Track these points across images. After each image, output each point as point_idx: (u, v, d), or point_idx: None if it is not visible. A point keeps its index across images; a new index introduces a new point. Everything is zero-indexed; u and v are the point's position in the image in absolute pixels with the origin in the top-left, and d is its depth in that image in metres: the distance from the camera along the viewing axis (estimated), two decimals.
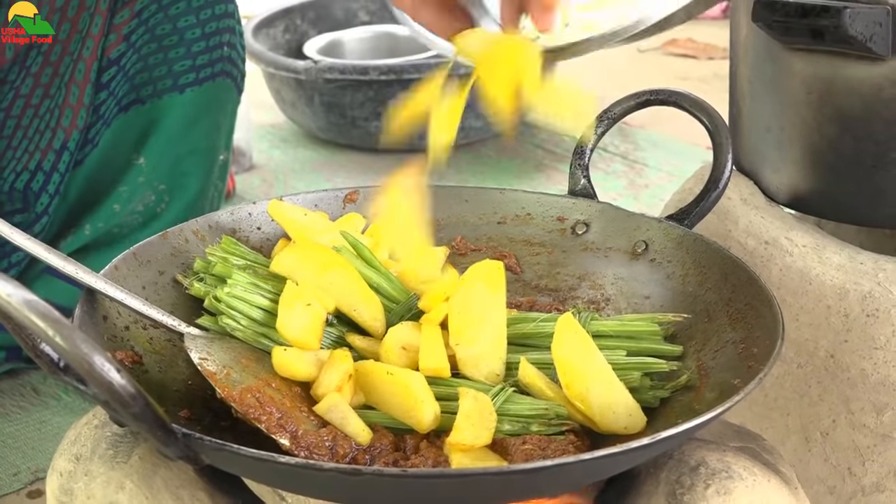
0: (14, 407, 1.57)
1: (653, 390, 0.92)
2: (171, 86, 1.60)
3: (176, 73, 1.59)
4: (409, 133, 0.97)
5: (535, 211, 1.12)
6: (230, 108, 1.69)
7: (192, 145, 1.65)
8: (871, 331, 1.12)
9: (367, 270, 0.98)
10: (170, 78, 1.59)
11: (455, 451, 0.84)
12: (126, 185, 1.60)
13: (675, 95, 1.10)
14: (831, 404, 1.16)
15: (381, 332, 0.96)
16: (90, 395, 0.78)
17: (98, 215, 1.58)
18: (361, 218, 1.09)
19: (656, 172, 2.37)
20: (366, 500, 0.83)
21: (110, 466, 0.87)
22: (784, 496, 0.87)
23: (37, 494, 1.41)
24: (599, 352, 0.89)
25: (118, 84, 1.55)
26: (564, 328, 0.90)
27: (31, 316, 0.70)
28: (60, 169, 1.53)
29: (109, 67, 1.54)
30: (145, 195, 1.62)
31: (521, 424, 0.87)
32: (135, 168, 1.62)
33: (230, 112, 1.69)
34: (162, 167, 1.62)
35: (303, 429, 0.84)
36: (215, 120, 1.65)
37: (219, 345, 0.92)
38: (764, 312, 0.92)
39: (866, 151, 1.15)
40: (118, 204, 1.59)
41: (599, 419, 0.87)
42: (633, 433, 0.88)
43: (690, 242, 1.04)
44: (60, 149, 1.53)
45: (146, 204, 1.61)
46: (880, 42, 1.08)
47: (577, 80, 0.96)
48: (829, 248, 1.18)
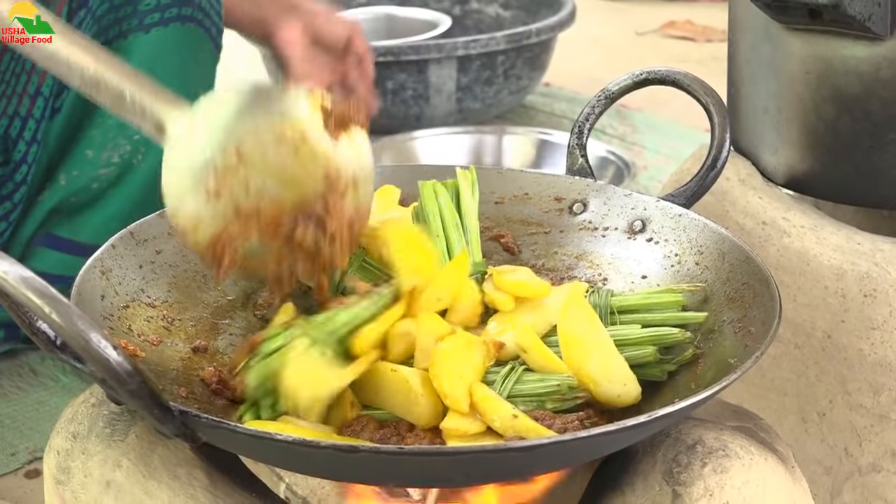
0: (12, 387, 1.57)
1: (661, 364, 0.92)
2: (137, 25, 1.59)
3: (141, 13, 1.59)
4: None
5: (532, 190, 1.12)
6: (203, 58, 1.67)
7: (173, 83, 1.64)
8: (869, 311, 1.12)
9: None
10: (135, 17, 1.59)
11: (451, 438, 0.85)
12: (96, 129, 1.58)
13: (673, 74, 1.09)
14: (828, 385, 1.16)
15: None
16: (87, 372, 0.78)
17: (71, 162, 1.56)
18: (396, 189, 1.08)
19: (654, 155, 2.37)
20: (363, 479, 0.84)
21: (107, 445, 0.87)
22: (780, 475, 0.87)
23: (34, 475, 1.41)
24: (601, 324, 0.90)
25: (87, 26, 1.55)
26: (571, 301, 0.91)
27: (28, 293, 0.70)
28: (35, 115, 1.53)
29: (79, 10, 1.54)
30: (119, 143, 1.60)
31: (535, 403, 0.88)
32: (104, 109, 1.62)
33: (204, 63, 1.67)
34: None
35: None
36: (187, 64, 1.64)
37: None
38: (761, 292, 0.92)
39: (864, 132, 1.14)
40: (90, 150, 1.57)
41: (594, 387, 0.87)
42: (627, 402, 0.88)
43: (688, 222, 1.04)
44: (35, 94, 1.52)
45: (121, 155, 1.59)
46: (879, 22, 1.08)
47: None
48: (827, 228, 1.18)
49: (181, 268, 1.01)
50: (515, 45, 2.39)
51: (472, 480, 0.87)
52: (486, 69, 2.41)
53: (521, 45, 2.40)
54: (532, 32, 2.41)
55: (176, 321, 0.97)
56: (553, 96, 2.72)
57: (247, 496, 0.86)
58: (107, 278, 0.94)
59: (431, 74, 2.38)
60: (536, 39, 2.42)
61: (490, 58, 2.39)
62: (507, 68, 2.43)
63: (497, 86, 2.45)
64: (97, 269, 0.94)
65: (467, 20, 2.84)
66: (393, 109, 2.42)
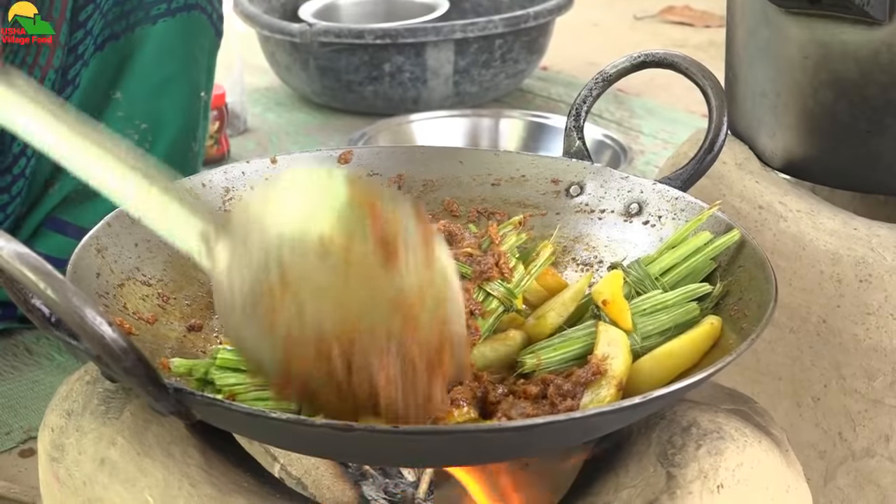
0: (7, 367, 1.57)
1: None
2: (143, 17, 1.60)
3: (147, 5, 1.60)
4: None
5: (529, 172, 1.12)
6: (207, 46, 1.68)
7: (168, 77, 1.65)
8: (864, 296, 1.12)
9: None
10: (141, 10, 1.60)
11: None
12: (104, 122, 1.59)
13: (671, 57, 1.09)
14: (823, 369, 1.17)
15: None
16: (82, 349, 0.78)
17: None
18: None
19: (651, 139, 2.37)
20: (358, 457, 0.83)
21: (102, 422, 0.87)
22: (775, 457, 0.87)
23: (29, 454, 1.41)
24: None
25: (94, 22, 1.56)
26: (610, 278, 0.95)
27: (23, 269, 0.70)
28: None
29: (86, 6, 1.54)
30: (126, 133, 1.61)
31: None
32: (112, 103, 1.62)
33: (207, 50, 1.69)
34: (139, 101, 1.63)
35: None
36: (192, 53, 1.65)
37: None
38: (757, 275, 0.92)
39: (862, 117, 1.14)
40: None
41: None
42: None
43: (684, 205, 1.04)
44: None
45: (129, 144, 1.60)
46: (878, 6, 1.08)
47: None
48: (823, 213, 1.18)
49: (177, 249, 1.01)
50: (513, 28, 2.39)
51: (467, 460, 0.87)
52: (484, 52, 2.40)
53: (519, 28, 2.40)
54: (530, 16, 2.41)
55: (171, 299, 0.97)
56: (550, 80, 2.72)
57: (241, 475, 0.85)
58: (102, 256, 0.94)
59: (429, 57, 2.38)
60: (534, 23, 2.42)
61: (488, 41, 2.39)
62: (504, 52, 2.42)
63: (494, 69, 2.44)
64: (93, 247, 0.94)
65: (465, 3, 2.83)
66: (390, 92, 2.41)
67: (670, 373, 0.87)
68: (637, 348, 0.90)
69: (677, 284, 0.96)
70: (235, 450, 0.89)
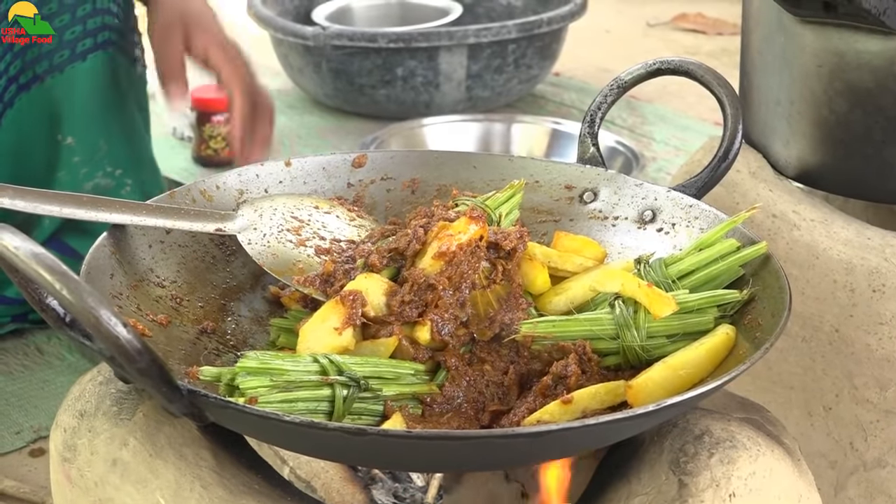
0: (18, 366, 1.57)
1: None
2: (70, 56, 1.51)
3: (70, 42, 1.50)
4: None
5: (543, 178, 1.12)
6: (127, 80, 1.63)
7: (116, 110, 1.59)
8: (877, 306, 1.12)
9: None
10: (66, 48, 1.50)
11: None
12: (63, 170, 1.55)
13: (687, 65, 1.09)
14: (835, 379, 1.16)
15: None
16: (96, 349, 0.78)
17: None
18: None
19: (663, 146, 2.37)
20: (370, 462, 0.83)
21: (114, 423, 0.87)
22: (787, 467, 0.87)
23: (39, 453, 1.41)
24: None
25: (8, 63, 1.47)
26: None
27: (39, 269, 0.70)
28: None
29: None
30: (95, 179, 1.58)
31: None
32: (64, 149, 1.56)
33: (129, 84, 1.63)
34: (93, 143, 1.57)
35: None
36: (109, 92, 1.59)
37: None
38: (771, 283, 0.92)
39: (876, 126, 1.14)
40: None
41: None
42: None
43: (698, 213, 1.03)
44: None
45: (106, 190, 1.57)
46: (893, 16, 1.08)
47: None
48: (837, 222, 1.18)
49: (190, 248, 1.01)
50: (526, 33, 2.39)
51: (479, 466, 0.87)
52: (497, 57, 2.40)
53: (532, 34, 2.40)
54: (543, 22, 2.41)
55: (184, 301, 0.97)
56: (563, 86, 2.72)
57: (252, 477, 0.86)
58: (116, 257, 0.94)
59: (442, 62, 2.37)
60: (547, 29, 2.42)
61: (501, 46, 2.39)
62: (517, 57, 2.42)
63: (507, 74, 2.44)
64: (106, 248, 0.94)
65: (478, 8, 2.83)
66: (403, 96, 2.41)
67: (685, 382, 0.87)
68: (637, 346, 0.90)
69: (696, 290, 0.95)
70: (246, 452, 0.89)
